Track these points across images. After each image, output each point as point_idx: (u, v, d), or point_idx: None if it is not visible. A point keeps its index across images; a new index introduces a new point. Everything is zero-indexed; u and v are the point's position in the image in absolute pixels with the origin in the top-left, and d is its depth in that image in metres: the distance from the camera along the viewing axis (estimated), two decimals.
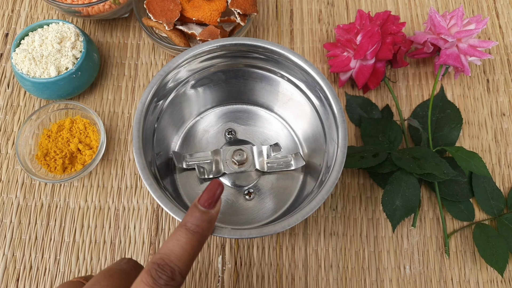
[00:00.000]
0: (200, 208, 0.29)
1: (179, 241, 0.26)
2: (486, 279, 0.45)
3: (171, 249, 0.26)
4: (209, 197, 0.29)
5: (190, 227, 0.27)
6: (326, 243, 0.46)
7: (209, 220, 0.28)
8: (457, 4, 0.57)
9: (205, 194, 0.29)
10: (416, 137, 0.49)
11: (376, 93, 0.52)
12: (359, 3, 0.57)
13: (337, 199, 0.48)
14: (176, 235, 0.27)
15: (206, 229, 0.28)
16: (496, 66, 0.54)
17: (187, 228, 0.27)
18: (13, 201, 0.47)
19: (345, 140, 0.36)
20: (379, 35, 0.46)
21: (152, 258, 0.26)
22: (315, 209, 0.34)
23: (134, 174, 0.48)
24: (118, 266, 0.29)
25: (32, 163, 0.46)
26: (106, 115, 0.51)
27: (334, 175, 0.35)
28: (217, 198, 0.29)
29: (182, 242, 0.26)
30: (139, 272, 0.26)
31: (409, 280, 0.45)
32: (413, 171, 0.43)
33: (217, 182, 0.30)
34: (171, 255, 0.26)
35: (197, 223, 0.28)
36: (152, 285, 0.24)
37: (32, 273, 0.44)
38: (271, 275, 0.45)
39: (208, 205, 0.29)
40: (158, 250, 0.26)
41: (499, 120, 0.51)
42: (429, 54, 0.50)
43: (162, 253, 0.26)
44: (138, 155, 0.36)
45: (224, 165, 0.44)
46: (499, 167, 0.49)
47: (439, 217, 0.47)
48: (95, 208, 0.47)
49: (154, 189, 0.34)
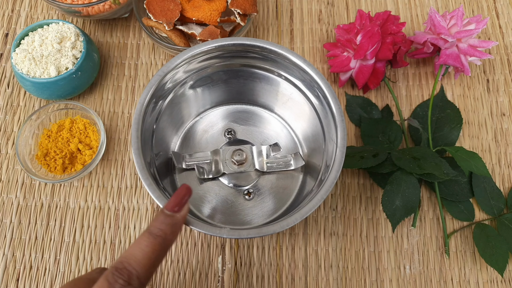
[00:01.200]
0: (165, 212, 0.28)
1: (140, 244, 0.26)
2: (486, 279, 0.45)
3: (131, 253, 0.26)
4: (176, 201, 0.29)
5: (153, 231, 0.27)
6: (326, 243, 0.46)
7: (173, 224, 0.28)
8: (457, 4, 0.57)
9: (172, 198, 0.29)
10: (416, 137, 0.49)
11: (376, 93, 0.52)
12: (359, 3, 0.57)
13: (337, 199, 0.48)
14: (139, 240, 0.26)
15: (170, 233, 0.28)
16: (496, 66, 0.54)
17: (150, 232, 0.27)
18: (13, 201, 0.47)
19: (344, 139, 0.36)
20: (379, 35, 0.46)
21: (113, 263, 0.25)
22: (314, 208, 0.34)
23: (134, 174, 0.48)
24: (88, 276, 0.28)
25: (32, 163, 0.46)
26: (106, 115, 0.51)
27: (333, 175, 0.35)
28: (184, 203, 0.29)
29: (143, 246, 0.26)
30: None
31: (409, 280, 0.45)
32: (413, 171, 0.43)
33: (185, 186, 0.30)
34: (131, 258, 0.25)
35: (160, 227, 0.27)
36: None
37: (32, 273, 0.45)
38: (271, 275, 0.45)
39: (174, 208, 0.29)
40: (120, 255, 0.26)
41: (499, 120, 0.51)
42: (429, 54, 0.50)
43: (123, 257, 0.25)
44: (137, 155, 0.36)
45: (224, 165, 0.44)
46: (499, 167, 0.49)
47: (439, 217, 0.47)
48: (95, 208, 0.47)
49: (153, 190, 0.34)
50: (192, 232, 0.46)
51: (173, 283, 0.44)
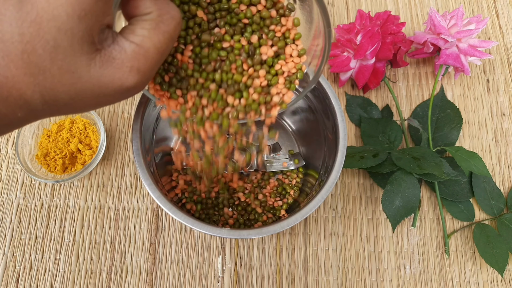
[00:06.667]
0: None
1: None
2: (486, 279, 0.45)
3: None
4: None
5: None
6: (326, 243, 0.46)
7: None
8: (457, 4, 0.57)
9: None
10: (416, 137, 0.49)
11: (376, 93, 0.52)
12: (359, 3, 0.57)
13: (337, 199, 0.48)
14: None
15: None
16: (496, 66, 0.54)
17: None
18: (13, 201, 0.47)
19: (345, 140, 0.37)
20: (379, 35, 0.46)
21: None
22: (314, 209, 0.34)
23: (134, 174, 0.48)
24: None
25: (32, 163, 0.46)
26: (106, 115, 0.51)
27: (333, 175, 0.35)
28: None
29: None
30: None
31: (409, 280, 0.45)
32: (413, 171, 0.43)
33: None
34: None
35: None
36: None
37: (32, 273, 0.45)
38: (271, 275, 0.45)
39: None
40: None
41: (499, 120, 0.51)
42: (429, 54, 0.50)
43: None
44: (137, 155, 0.36)
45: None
46: (499, 167, 0.49)
47: (439, 217, 0.47)
48: (95, 208, 0.47)
49: (153, 189, 0.34)
50: (192, 232, 0.46)
51: (173, 284, 0.44)
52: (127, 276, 0.44)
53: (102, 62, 0.20)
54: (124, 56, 0.20)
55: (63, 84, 0.19)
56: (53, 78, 0.19)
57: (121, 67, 0.20)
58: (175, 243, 0.46)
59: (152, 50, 0.21)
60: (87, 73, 0.19)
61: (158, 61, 0.22)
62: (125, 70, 0.20)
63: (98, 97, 0.20)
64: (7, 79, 0.18)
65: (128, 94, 0.21)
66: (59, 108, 0.20)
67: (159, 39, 0.21)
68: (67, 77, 0.19)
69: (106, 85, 0.20)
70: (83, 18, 0.18)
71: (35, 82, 0.19)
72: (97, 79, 0.20)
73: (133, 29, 0.21)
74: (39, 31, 0.17)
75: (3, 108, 0.19)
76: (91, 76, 0.19)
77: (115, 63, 0.20)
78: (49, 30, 0.18)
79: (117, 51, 0.20)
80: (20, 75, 0.18)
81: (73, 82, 0.19)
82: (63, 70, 0.19)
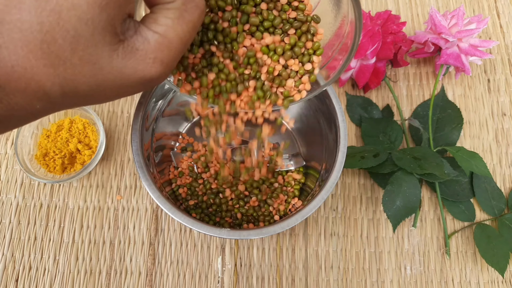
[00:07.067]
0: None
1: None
2: (487, 279, 0.45)
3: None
4: None
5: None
6: (326, 243, 0.46)
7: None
8: (457, 4, 0.57)
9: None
10: (416, 137, 0.49)
11: (377, 93, 0.52)
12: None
13: (337, 199, 0.47)
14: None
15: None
16: (497, 66, 0.54)
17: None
18: (12, 201, 0.47)
19: (345, 140, 0.36)
20: (379, 34, 0.46)
21: None
22: (314, 209, 0.34)
23: (133, 174, 0.48)
24: None
25: (31, 163, 0.46)
26: (105, 115, 0.51)
27: (334, 175, 0.35)
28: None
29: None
30: None
31: (409, 281, 0.45)
32: (414, 171, 0.43)
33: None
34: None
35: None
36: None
37: (32, 273, 0.44)
38: (271, 276, 0.45)
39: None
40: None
41: (500, 120, 0.51)
42: (430, 54, 0.50)
43: None
44: (137, 155, 0.35)
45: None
46: (500, 167, 0.49)
47: (439, 218, 0.47)
48: (94, 208, 0.47)
49: (153, 190, 0.34)
50: (192, 233, 0.46)
51: (173, 284, 0.44)
52: (127, 277, 0.44)
53: (125, 53, 0.19)
54: (147, 47, 0.20)
55: (84, 75, 0.18)
56: (73, 69, 0.18)
57: (145, 59, 0.20)
58: (175, 244, 0.45)
59: (176, 40, 0.20)
60: (109, 64, 0.19)
61: (181, 51, 0.21)
62: (148, 62, 0.20)
63: (119, 88, 0.20)
64: (25, 70, 0.17)
65: (149, 85, 0.21)
66: (79, 100, 0.20)
67: (183, 29, 0.20)
68: (88, 68, 0.18)
69: (128, 77, 0.20)
70: (104, 7, 0.17)
71: (55, 73, 0.18)
72: (119, 71, 0.19)
73: (156, 18, 0.20)
74: (59, 20, 0.17)
75: (21, 99, 0.18)
76: (113, 68, 0.19)
77: (138, 55, 0.19)
78: (69, 20, 0.17)
79: (140, 42, 0.19)
80: (39, 66, 0.18)
81: (94, 73, 0.19)
82: (84, 61, 0.18)
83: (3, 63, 0.17)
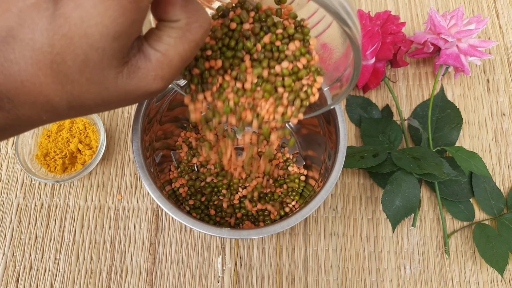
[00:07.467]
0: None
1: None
2: (486, 279, 0.45)
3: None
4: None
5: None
6: (326, 243, 0.46)
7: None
8: (457, 4, 0.57)
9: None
10: (416, 137, 0.49)
11: (376, 93, 0.52)
12: (359, 3, 0.57)
13: (337, 199, 0.48)
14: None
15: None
16: (496, 66, 0.54)
17: None
18: (13, 201, 0.47)
19: (345, 140, 0.36)
20: (379, 35, 0.46)
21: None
22: (314, 209, 0.34)
23: (134, 174, 0.48)
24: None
25: (32, 163, 0.46)
26: (106, 115, 0.51)
27: (333, 175, 0.35)
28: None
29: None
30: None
31: (409, 280, 0.45)
32: (413, 171, 0.43)
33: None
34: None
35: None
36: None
37: (32, 273, 0.44)
38: (271, 275, 0.45)
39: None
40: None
41: (499, 120, 0.51)
42: (429, 54, 0.50)
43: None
44: (137, 155, 0.36)
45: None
46: (499, 167, 0.49)
47: (439, 217, 0.47)
48: (95, 208, 0.47)
49: (153, 189, 0.34)
50: (192, 233, 0.46)
51: (173, 284, 0.44)
52: (127, 276, 0.44)
53: (129, 73, 0.20)
54: (149, 65, 0.20)
55: (90, 93, 0.20)
56: (81, 87, 0.19)
57: (146, 76, 0.21)
58: (175, 243, 0.46)
59: (177, 58, 0.21)
60: (114, 84, 0.20)
61: (182, 67, 0.22)
62: (149, 79, 0.21)
63: (122, 101, 0.21)
64: (34, 85, 0.18)
65: (151, 96, 0.22)
66: (84, 112, 0.21)
67: (184, 48, 0.21)
68: (94, 87, 0.19)
69: (131, 92, 0.21)
70: (117, 38, 0.18)
71: (63, 90, 0.19)
72: (123, 88, 0.20)
73: (160, 36, 0.21)
74: (70, 45, 0.18)
75: (29, 111, 0.20)
76: (118, 86, 0.20)
77: (140, 73, 0.20)
78: (80, 46, 0.18)
79: (142, 60, 0.20)
80: (48, 83, 0.19)
81: (100, 91, 0.20)
82: (91, 82, 0.19)
83: (13, 77, 0.18)
